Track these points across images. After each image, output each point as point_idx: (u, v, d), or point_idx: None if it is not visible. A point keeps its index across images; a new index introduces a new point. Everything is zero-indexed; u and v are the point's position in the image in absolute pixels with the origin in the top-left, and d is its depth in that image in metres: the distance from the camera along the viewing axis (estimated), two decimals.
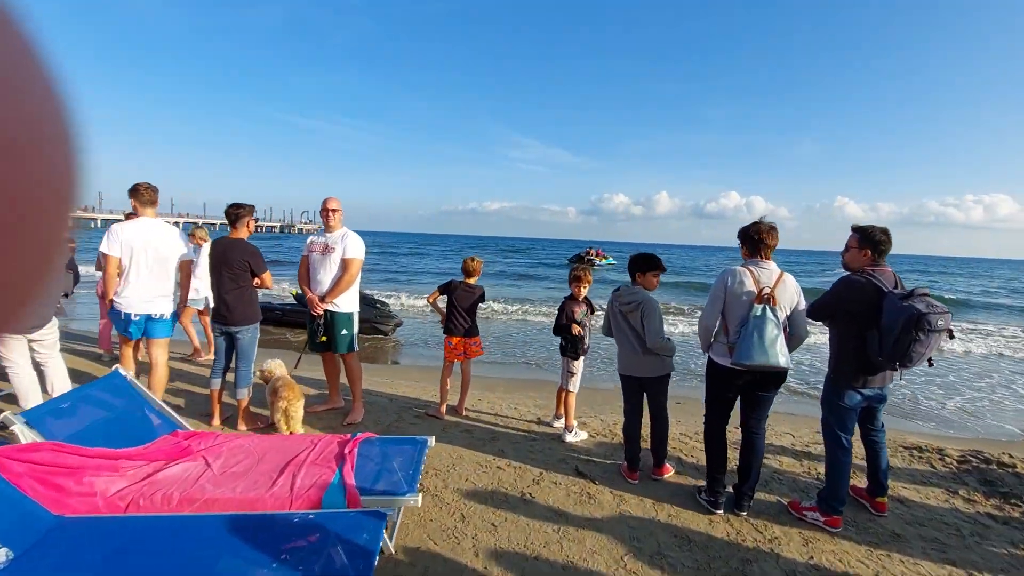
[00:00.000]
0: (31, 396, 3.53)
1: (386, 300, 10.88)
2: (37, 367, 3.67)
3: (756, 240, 2.96)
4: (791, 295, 2.91)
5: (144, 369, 4.28)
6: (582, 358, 4.09)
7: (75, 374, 4.61)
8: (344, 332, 4.10)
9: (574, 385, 4.07)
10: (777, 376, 2.91)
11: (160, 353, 3.86)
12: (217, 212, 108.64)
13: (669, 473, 3.49)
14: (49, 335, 3.70)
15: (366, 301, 8.90)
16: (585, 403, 5.00)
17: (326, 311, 4.06)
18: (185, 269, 3.97)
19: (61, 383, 3.72)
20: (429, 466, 3.37)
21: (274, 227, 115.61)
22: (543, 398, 5.28)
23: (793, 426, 4.74)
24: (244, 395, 3.89)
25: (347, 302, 4.12)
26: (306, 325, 4.28)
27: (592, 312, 4.26)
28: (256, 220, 4.07)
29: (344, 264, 4.04)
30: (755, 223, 3.01)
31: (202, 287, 5.72)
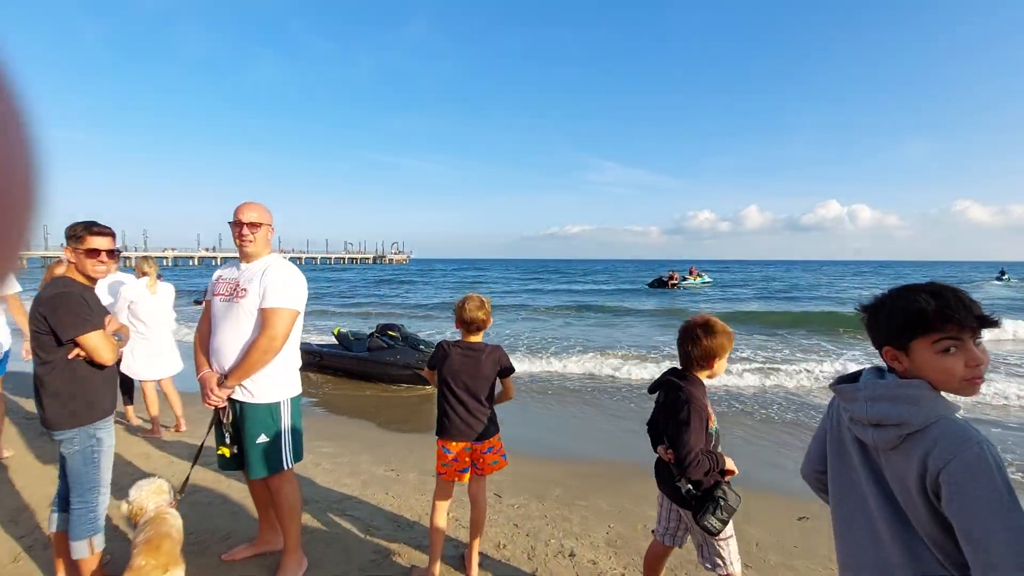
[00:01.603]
0: None
1: (428, 339, 8.12)
2: None
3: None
4: None
5: None
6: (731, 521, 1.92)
7: None
8: (262, 439, 2.31)
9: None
10: None
11: None
12: (319, 246, 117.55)
13: None
14: None
15: (408, 341, 7.38)
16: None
17: (231, 402, 2.33)
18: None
19: None
20: None
21: (367, 258, 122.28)
22: (628, 527, 3.14)
23: None
24: (83, 552, 2.20)
25: (268, 385, 2.33)
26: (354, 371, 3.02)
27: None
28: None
29: (263, 319, 2.28)
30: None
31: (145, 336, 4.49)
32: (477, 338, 2.47)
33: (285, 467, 2.37)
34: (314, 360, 7.75)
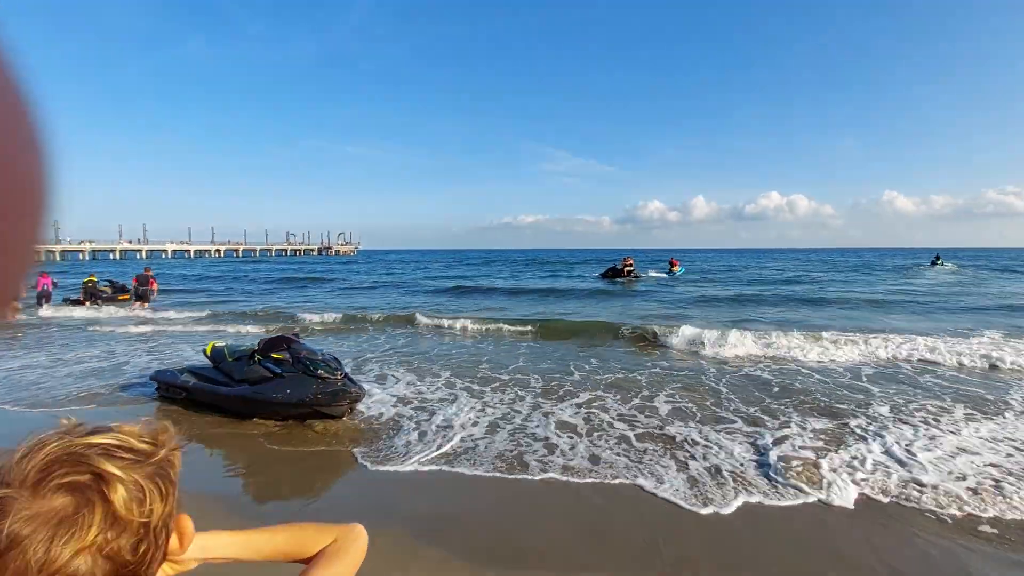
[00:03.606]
0: None
1: (336, 355, 6.52)
2: None
3: None
4: None
5: None
6: None
7: None
8: None
9: None
10: None
11: None
12: (258, 238, 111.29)
13: None
14: None
15: (301, 363, 5.73)
16: None
17: None
18: None
19: None
20: None
21: (312, 250, 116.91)
22: None
23: None
24: None
25: None
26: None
27: None
28: None
29: None
30: None
31: None
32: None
33: None
34: (179, 395, 6.26)
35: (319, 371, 5.72)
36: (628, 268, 28.78)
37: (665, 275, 32.40)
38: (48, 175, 0.24)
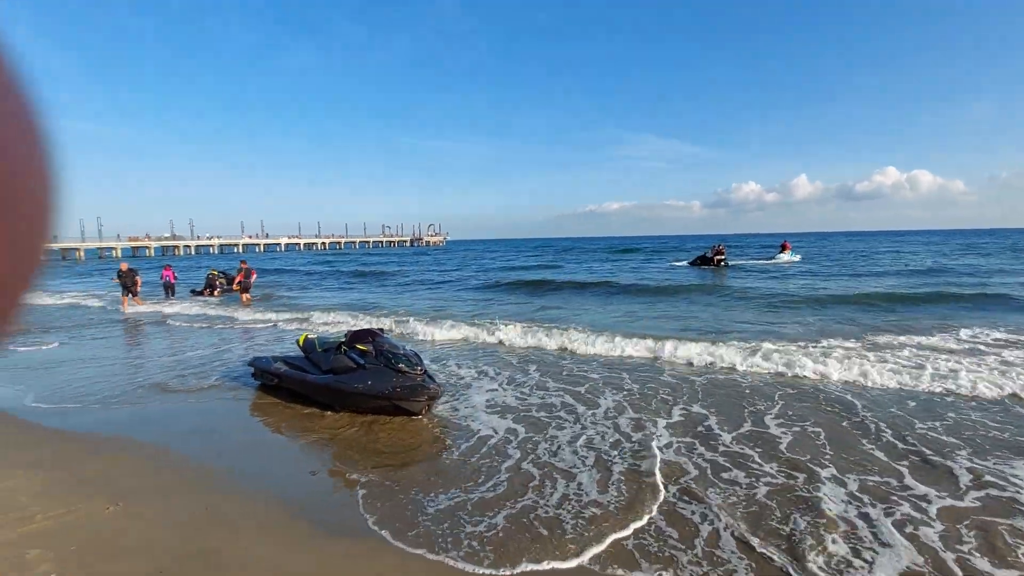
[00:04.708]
0: None
1: (416, 349, 6.66)
2: None
3: None
4: None
5: None
6: None
7: None
8: None
9: None
10: None
11: None
12: (357, 230, 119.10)
13: None
14: None
15: (383, 356, 5.69)
16: None
17: None
18: None
19: None
20: None
21: (405, 241, 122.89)
22: None
23: None
24: None
25: None
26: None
27: None
28: None
29: None
30: None
31: None
32: None
33: None
34: (272, 381, 6.48)
35: (400, 365, 5.66)
36: (720, 257, 26.31)
37: (768, 261, 29.44)
38: (50, 176, 0.24)
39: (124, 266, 15.51)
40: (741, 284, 18.40)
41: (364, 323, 11.37)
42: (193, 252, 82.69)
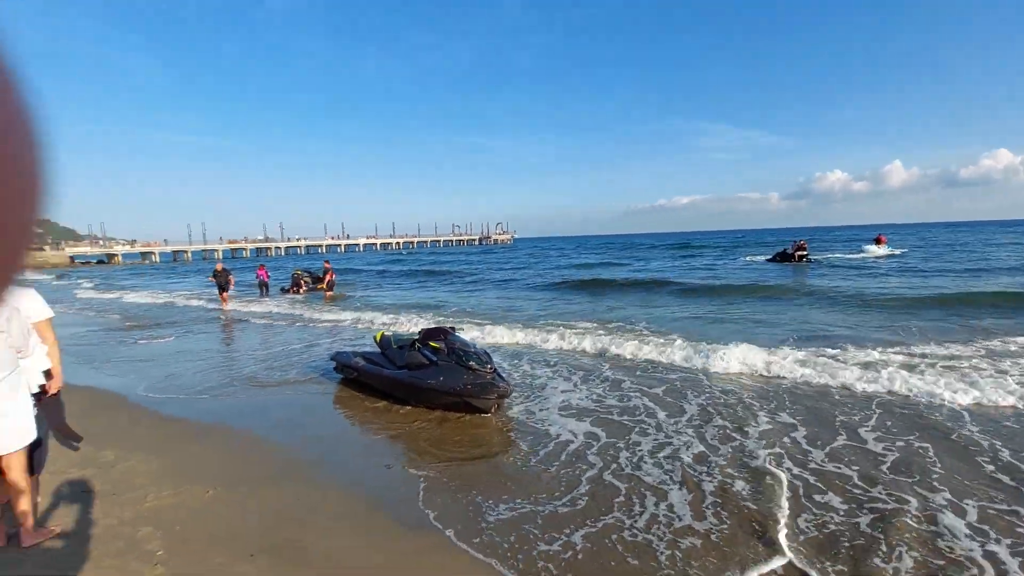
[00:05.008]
0: None
1: (486, 348, 6.63)
2: None
3: None
4: None
5: None
6: None
7: None
8: None
9: None
10: None
11: None
12: (429, 230, 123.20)
13: None
14: None
15: (455, 355, 5.82)
16: None
17: None
18: None
19: None
20: None
21: (474, 240, 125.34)
22: None
23: None
24: None
25: None
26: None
27: None
28: None
29: None
30: None
31: None
32: None
33: None
34: (351, 375, 6.79)
35: (470, 363, 5.75)
36: (801, 253, 24.26)
37: (857, 255, 26.80)
38: (37, 169, 0.24)
39: (219, 267, 17.10)
40: (828, 283, 16.71)
41: (434, 322, 11.63)
42: (283, 253, 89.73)
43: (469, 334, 8.79)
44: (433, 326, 6.67)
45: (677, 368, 7.24)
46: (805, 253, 24.38)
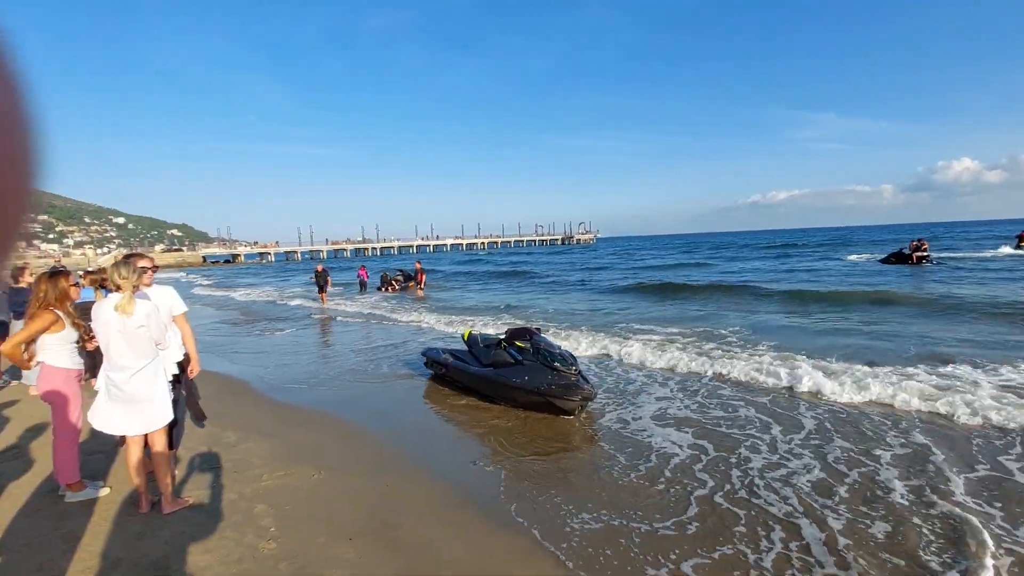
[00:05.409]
0: None
1: (565, 352, 6.09)
2: None
3: None
4: None
5: None
6: None
7: None
8: None
9: None
10: None
11: None
12: (512, 230, 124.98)
13: None
14: None
15: (540, 355, 5.82)
16: None
17: None
18: None
19: None
20: None
21: (556, 239, 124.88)
22: None
23: None
24: None
25: None
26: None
27: None
28: None
29: None
30: None
31: None
32: None
33: None
34: (440, 371, 7.03)
35: (555, 363, 5.75)
36: (920, 254, 21.16)
37: (992, 254, 23.04)
38: (33, 149, 0.24)
39: (319, 268, 18.50)
40: (957, 289, 14.18)
41: (518, 323, 11.71)
42: (379, 253, 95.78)
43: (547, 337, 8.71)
44: (519, 326, 6.74)
45: (771, 390, 6.33)
46: (925, 254, 21.25)
